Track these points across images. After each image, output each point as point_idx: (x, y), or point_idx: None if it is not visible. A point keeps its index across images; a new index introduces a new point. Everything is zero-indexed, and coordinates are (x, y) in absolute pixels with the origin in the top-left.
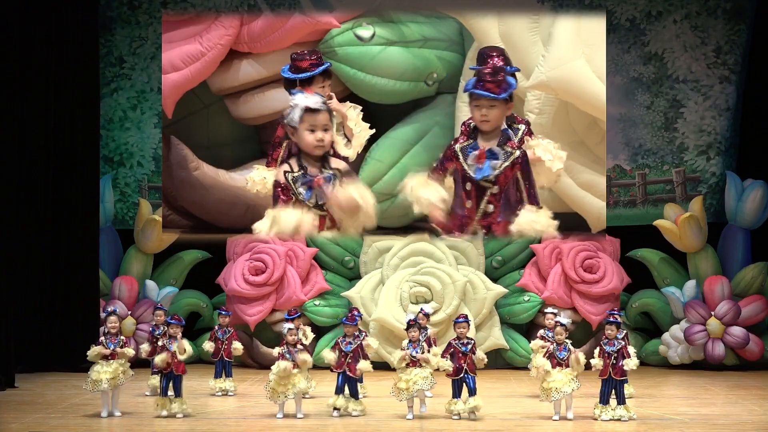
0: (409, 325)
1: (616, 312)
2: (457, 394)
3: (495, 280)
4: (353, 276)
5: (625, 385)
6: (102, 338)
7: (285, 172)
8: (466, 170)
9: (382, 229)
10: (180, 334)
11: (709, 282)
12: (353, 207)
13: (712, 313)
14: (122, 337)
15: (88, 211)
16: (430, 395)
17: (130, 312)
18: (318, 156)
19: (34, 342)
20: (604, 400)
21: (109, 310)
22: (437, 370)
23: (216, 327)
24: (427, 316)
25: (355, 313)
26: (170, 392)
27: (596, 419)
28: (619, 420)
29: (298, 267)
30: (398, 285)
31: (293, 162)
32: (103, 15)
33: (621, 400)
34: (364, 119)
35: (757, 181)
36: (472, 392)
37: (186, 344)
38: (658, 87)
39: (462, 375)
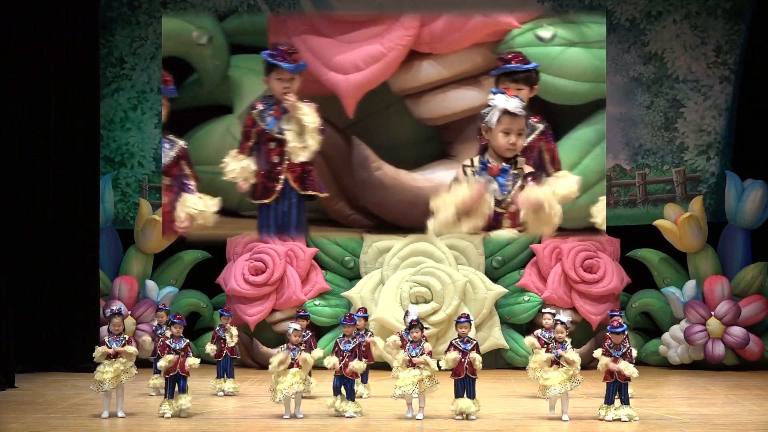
0: (412, 325)
1: (618, 314)
2: (459, 393)
3: (495, 280)
4: (353, 276)
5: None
6: (105, 338)
7: (464, 166)
8: None
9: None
10: (182, 333)
11: (709, 282)
12: (537, 206)
13: (712, 313)
14: (125, 336)
15: (88, 211)
16: (421, 415)
17: (130, 312)
18: (507, 157)
19: (34, 342)
20: (608, 400)
21: (113, 310)
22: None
23: (217, 327)
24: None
25: (358, 313)
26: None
27: (601, 419)
28: (620, 420)
29: (298, 267)
30: (398, 285)
31: (476, 158)
32: (103, 15)
33: (625, 401)
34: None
35: (757, 181)
36: (471, 395)
37: (194, 360)
38: (658, 87)
39: (464, 375)
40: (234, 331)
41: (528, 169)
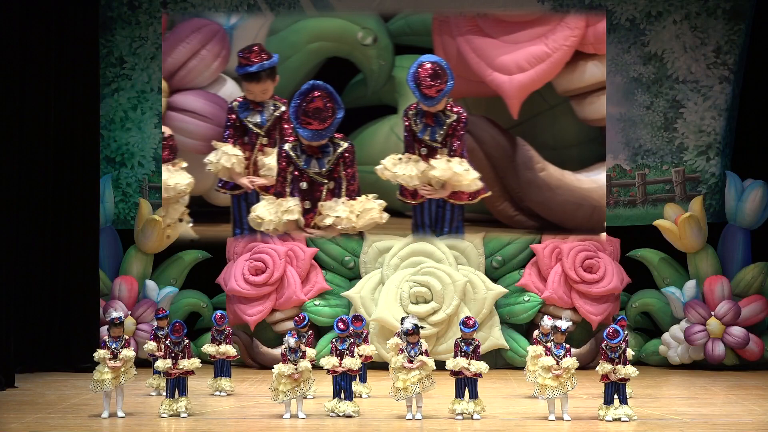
0: (408, 333)
1: (622, 318)
2: (459, 394)
3: (495, 280)
4: (353, 276)
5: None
6: (105, 338)
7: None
8: None
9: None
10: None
11: (709, 282)
12: None
13: (712, 313)
14: (125, 337)
15: (88, 211)
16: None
17: (130, 312)
18: None
19: (34, 342)
20: (607, 401)
21: (114, 318)
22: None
23: (214, 328)
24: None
25: (354, 315)
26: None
27: (601, 419)
28: (619, 420)
29: (298, 267)
30: (398, 285)
31: None
32: (103, 15)
33: (623, 401)
34: None
35: (757, 181)
36: (474, 395)
37: (195, 361)
38: (658, 87)
39: (463, 375)
40: (225, 348)
41: None
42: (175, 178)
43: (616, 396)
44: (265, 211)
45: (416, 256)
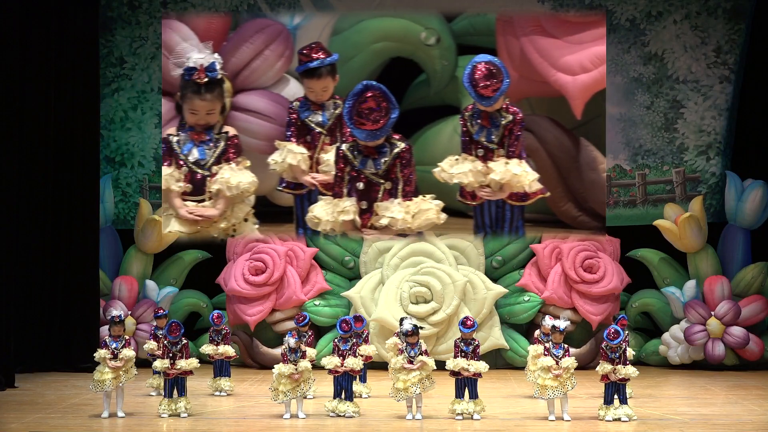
0: (407, 334)
1: (622, 317)
2: (459, 394)
3: (495, 280)
4: (353, 276)
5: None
6: (105, 338)
7: None
8: None
9: None
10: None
11: (709, 282)
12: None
13: (712, 313)
14: (125, 337)
15: (88, 211)
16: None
17: (130, 312)
18: None
19: (34, 342)
20: (607, 401)
21: (114, 317)
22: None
23: (211, 328)
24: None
25: (355, 315)
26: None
27: (601, 419)
28: (619, 420)
29: (298, 267)
30: (398, 285)
31: None
32: (103, 15)
33: (623, 401)
34: None
35: (757, 181)
36: (473, 395)
37: (193, 361)
38: (658, 87)
39: (463, 376)
40: (223, 348)
41: None
42: (239, 177)
43: (616, 396)
44: (322, 211)
45: (416, 256)
